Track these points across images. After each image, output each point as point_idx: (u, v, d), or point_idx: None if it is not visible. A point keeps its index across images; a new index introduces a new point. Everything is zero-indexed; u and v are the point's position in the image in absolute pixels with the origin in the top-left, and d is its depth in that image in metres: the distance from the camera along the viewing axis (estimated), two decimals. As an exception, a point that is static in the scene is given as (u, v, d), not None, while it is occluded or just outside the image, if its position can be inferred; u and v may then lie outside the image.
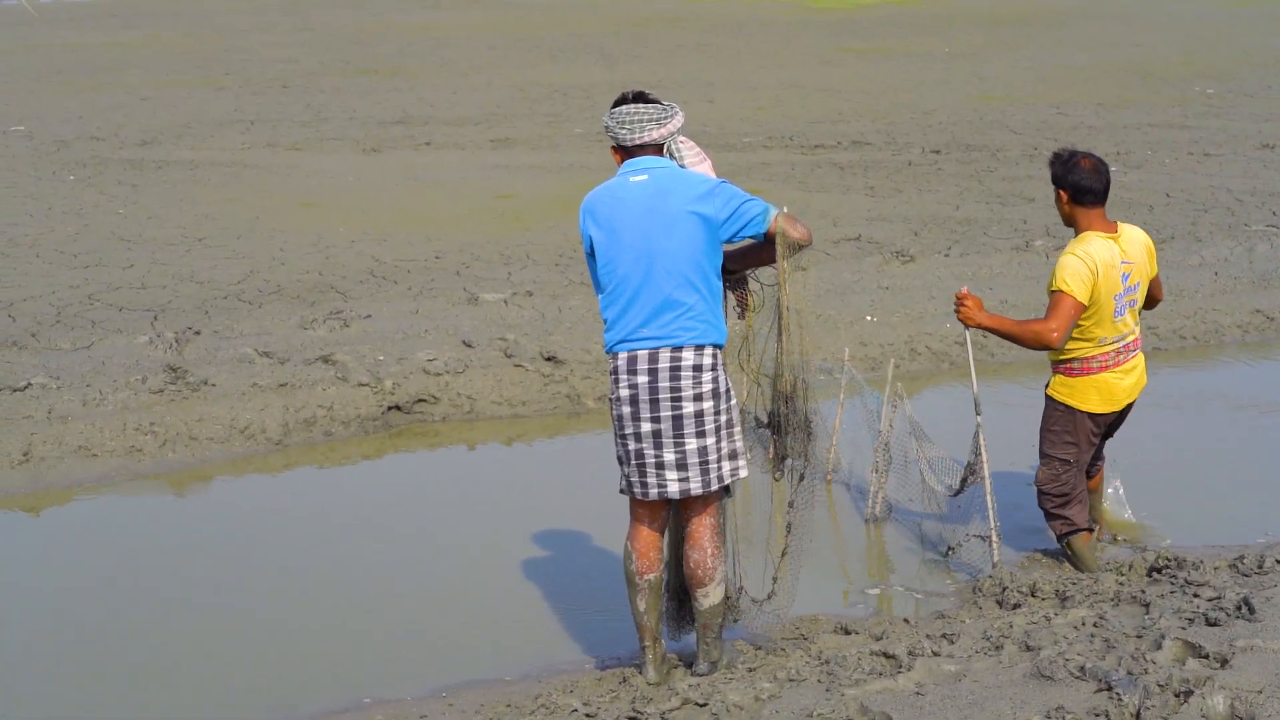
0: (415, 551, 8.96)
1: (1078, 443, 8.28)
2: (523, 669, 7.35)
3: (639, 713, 6.26)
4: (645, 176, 6.63)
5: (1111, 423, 8.45)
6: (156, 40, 36.08)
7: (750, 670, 6.87)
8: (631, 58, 32.39)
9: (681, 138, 6.81)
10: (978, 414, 8.28)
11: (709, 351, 6.55)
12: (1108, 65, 30.19)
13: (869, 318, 13.07)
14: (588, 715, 6.31)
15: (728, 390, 6.65)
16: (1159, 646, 6.44)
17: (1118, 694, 5.90)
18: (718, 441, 6.60)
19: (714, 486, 6.66)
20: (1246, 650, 6.24)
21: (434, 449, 10.96)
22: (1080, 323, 8.00)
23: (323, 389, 11.30)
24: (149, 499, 10.00)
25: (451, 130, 23.35)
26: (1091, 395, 8.18)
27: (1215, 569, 7.84)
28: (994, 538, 8.31)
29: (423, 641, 7.76)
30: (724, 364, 6.67)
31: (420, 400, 11.39)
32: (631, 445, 6.67)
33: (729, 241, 6.65)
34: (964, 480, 8.58)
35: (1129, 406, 8.36)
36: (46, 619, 8.11)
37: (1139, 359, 8.30)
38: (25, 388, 11.07)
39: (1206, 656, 6.29)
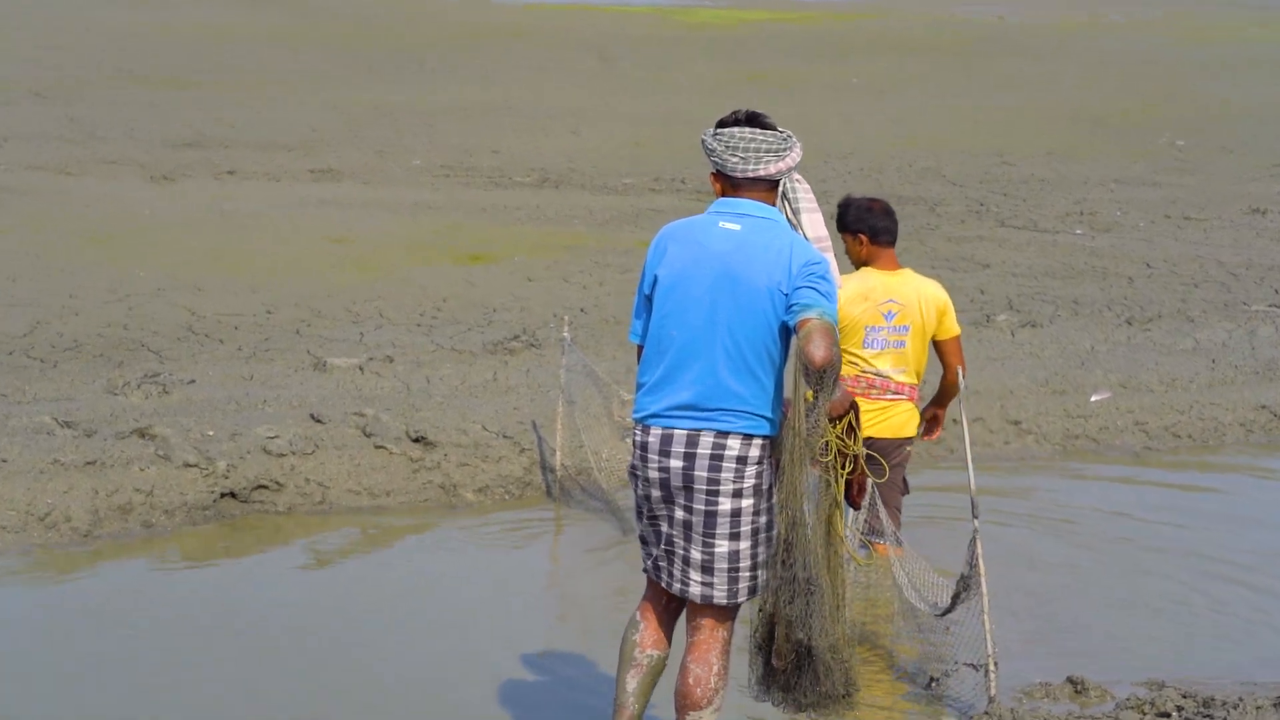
0: (265, 676, 8.84)
1: None
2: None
3: None
4: (738, 226, 6.58)
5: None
6: None
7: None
8: (476, 78, 32.52)
9: (797, 175, 6.78)
10: (975, 517, 8.26)
11: (758, 443, 6.51)
12: (1047, 107, 30.75)
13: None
14: None
15: (771, 487, 6.57)
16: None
17: None
18: (752, 546, 6.57)
19: (740, 599, 6.65)
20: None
21: (279, 545, 10.94)
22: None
23: (140, 469, 11.23)
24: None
25: (260, 156, 23.37)
26: None
27: (1258, 709, 7.99)
28: (991, 666, 8.25)
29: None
30: (771, 455, 6.55)
31: (260, 486, 11.37)
32: (664, 528, 6.60)
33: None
34: (955, 596, 8.61)
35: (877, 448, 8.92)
36: None
37: (897, 406, 9.65)
38: None
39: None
